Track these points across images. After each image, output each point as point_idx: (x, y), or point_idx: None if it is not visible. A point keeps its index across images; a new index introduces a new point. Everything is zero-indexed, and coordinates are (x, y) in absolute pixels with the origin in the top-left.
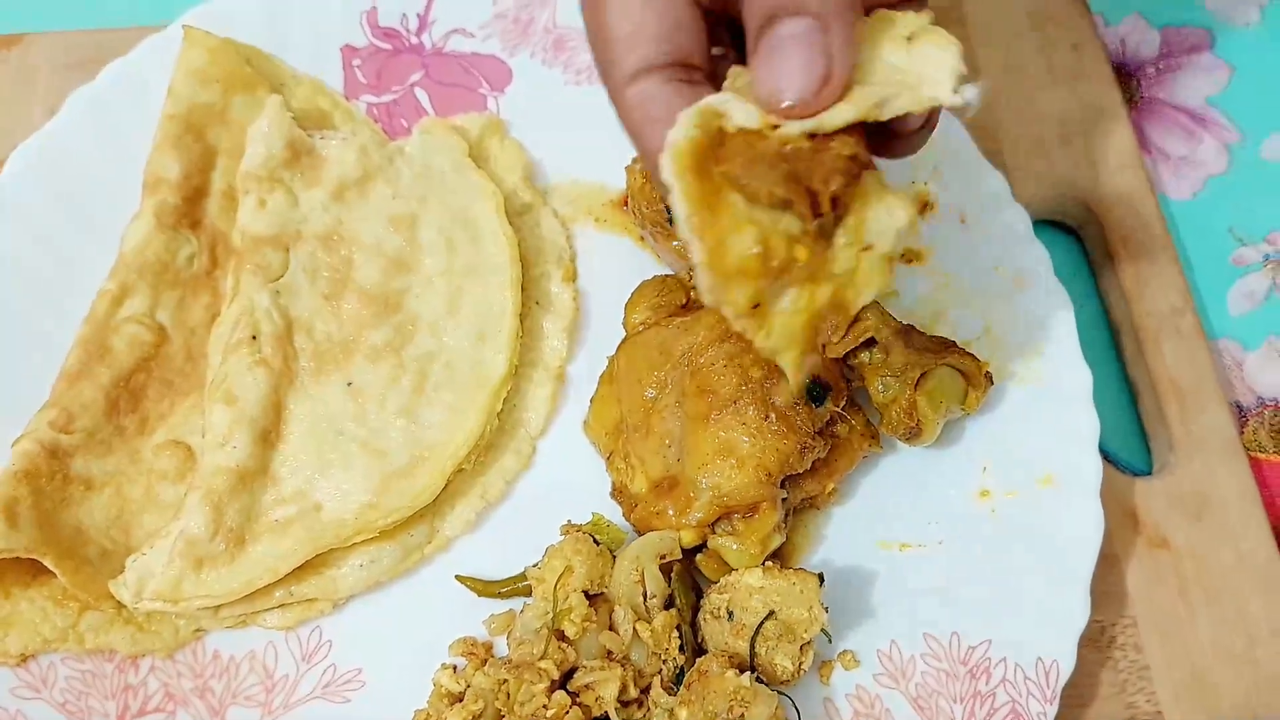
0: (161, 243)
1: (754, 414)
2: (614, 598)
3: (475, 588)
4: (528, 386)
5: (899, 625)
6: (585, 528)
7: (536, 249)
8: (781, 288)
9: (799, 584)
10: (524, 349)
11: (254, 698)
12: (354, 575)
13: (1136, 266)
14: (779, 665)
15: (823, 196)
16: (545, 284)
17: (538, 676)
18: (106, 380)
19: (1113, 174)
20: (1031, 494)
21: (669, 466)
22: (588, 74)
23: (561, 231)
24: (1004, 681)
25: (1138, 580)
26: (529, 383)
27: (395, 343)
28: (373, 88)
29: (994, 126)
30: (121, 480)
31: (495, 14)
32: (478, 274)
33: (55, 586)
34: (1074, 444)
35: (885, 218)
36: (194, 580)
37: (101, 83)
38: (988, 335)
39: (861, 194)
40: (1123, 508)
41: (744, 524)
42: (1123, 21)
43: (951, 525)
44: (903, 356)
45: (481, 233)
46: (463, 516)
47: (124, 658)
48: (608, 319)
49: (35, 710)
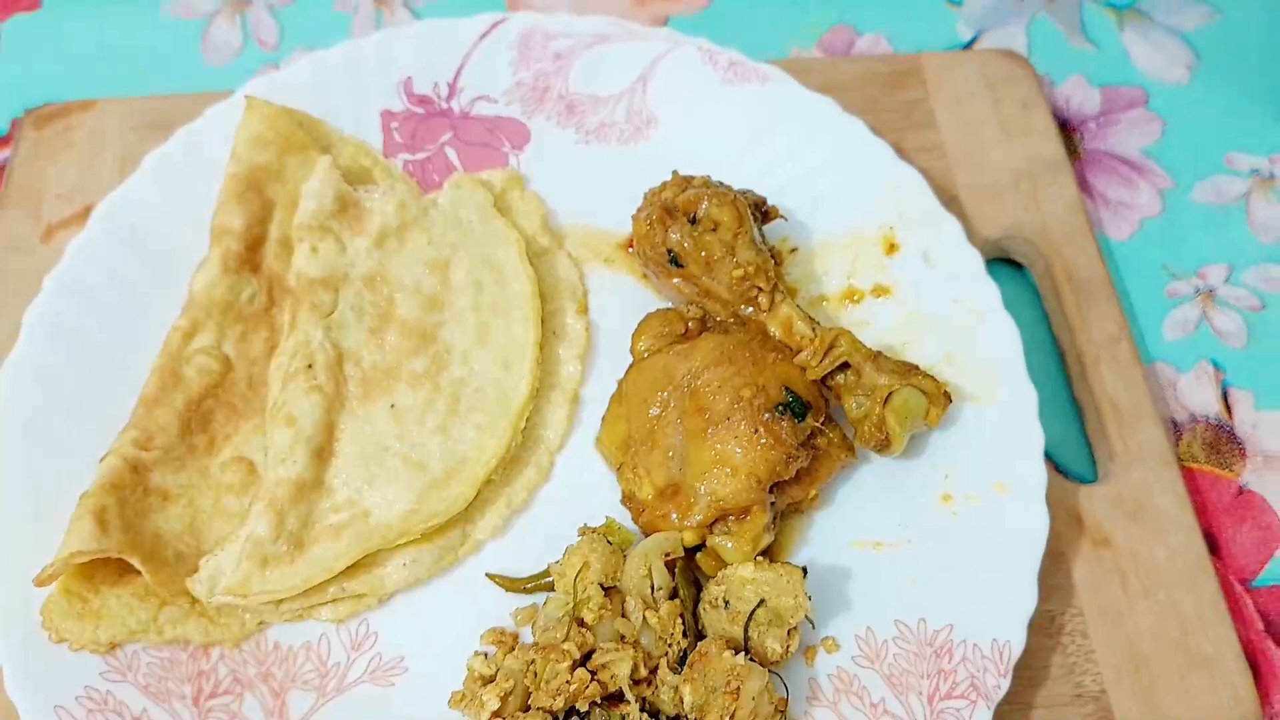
0: (227, 284)
1: (745, 428)
2: (625, 590)
3: (503, 584)
4: (547, 407)
5: (874, 613)
6: (600, 530)
7: (553, 286)
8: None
9: (786, 576)
10: (543, 374)
11: (310, 682)
12: (398, 573)
13: (1079, 299)
14: (769, 647)
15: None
16: (562, 317)
17: (561, 656)
18: (180, 404)
19: (1058, 217)
20: (988, 498)
21: (672, 475)
22: (596, 133)
23: (575, 271)
24: (964, 660)
25: (1083, 575)
26: (548, 404)
27: (432, 370)
28: (408, 147)
29: (951, 176)
30: (193, 492)
31: (515, 82)
32: (503, 309)
33: (138, 584)
34: (1023, 454)
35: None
36: (260, 577)
37: (173, 144)
38: (948, 360)
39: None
40: (1070, 511)
41: (738, 525)
42: (1066, 82)
43: (918, 526)
44: (873, 378)
45: (506, 273)
46: (491, 522)
47: (197, 647)
48: (616, 347)
49: (122, 691)
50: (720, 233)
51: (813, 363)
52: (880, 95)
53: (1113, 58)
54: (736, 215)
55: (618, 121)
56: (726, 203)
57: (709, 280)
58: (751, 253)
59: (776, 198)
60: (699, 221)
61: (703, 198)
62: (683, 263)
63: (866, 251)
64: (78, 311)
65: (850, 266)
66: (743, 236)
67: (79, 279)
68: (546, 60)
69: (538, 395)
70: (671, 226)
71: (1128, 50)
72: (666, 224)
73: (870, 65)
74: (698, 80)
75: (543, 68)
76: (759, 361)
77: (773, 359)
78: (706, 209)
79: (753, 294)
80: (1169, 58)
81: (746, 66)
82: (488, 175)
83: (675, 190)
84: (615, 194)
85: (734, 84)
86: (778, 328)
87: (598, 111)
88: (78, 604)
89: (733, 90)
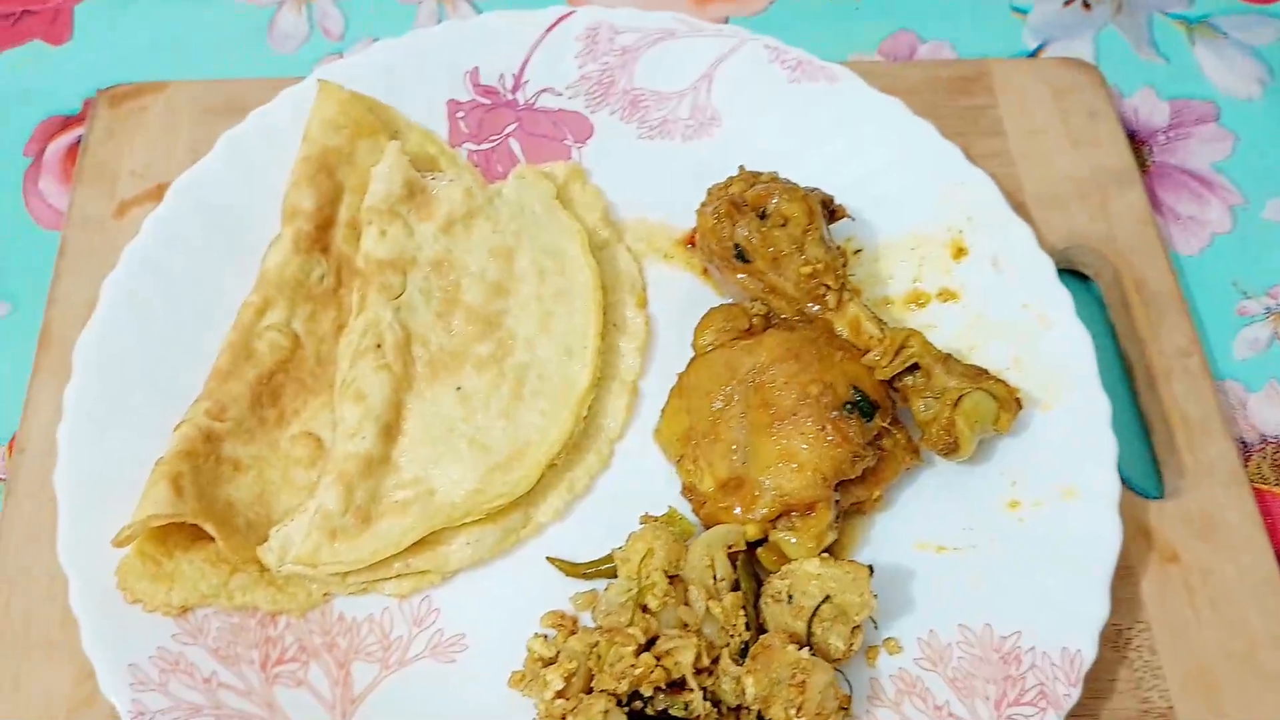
0: (297, 264)
1: (812, 425)
2: (688, 579)
3: (564, 568)
4: (607, 397)
5: (937, 617)
6: (662, 519)
7: (614, 279)
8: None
9: (852, 573)
10: (603, 364)
11: (373, 654)
12: (461, 552)
13: (1148, 311)
14: (832, 644)
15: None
16: (621, 309)
17: (627, 640)
18: (251, 378)
19: (1127, 228)
20: (1057, 505)
21: (734, 469)
22: (659, 129)
23: (634, 265)
24: (1033, 667)
25: (1151, 590)
26: (608, 394)
27: (497, 355)
28: (473, 137)
29: (1017, 184)
30: (263, 464)
31: (580, 76)
32: (565, 299)
33: (210, 550)
34: (1094, 462)
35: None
36: (329, 549)
37: (247, 125)
38: (1015, 366)
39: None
40: (1138, 526)
41: (801, 521)
42: (1135, 94)
43: (984, 531)
44: (943, 380)
45: (568, 263)
46: (553, 506)
47: (265, 614)
48: (675, 341)
49: (193, 654)
50: (789, 228)
51: (882, 363)
52: (943, 101)
53: (1182, 71)
54: (807, 211)
55: (681, 118)
56: (797, 198)
57: (775, 277)
58: (821, 250)
59: (841, 198)
60: (768, 217)
61: (772, 193)
62: (749, 258)
63: (933, 255)
64: (153, 284)
65: (916, 270)
66: (812, 233)
67: (155, 253)
68: (612, 55)
69: (598, 384)
70: (739, 221)
71: (1199, 64)
72: (734, 218)
73: (934, 70)
74: (763, 78)
75: (608, 62)
76: (826, 359)
77: (840, 357)
78: (776, 204)
79: (820, 292)
80: (1241, 73)
81: (814, 65)
82: (550, 167)
83: (743, 185)
84: (676, 190)
85: (800, 82)
86: (845, 327)
87: (661, 107)
88: (152, 566)
89: (799, 89)
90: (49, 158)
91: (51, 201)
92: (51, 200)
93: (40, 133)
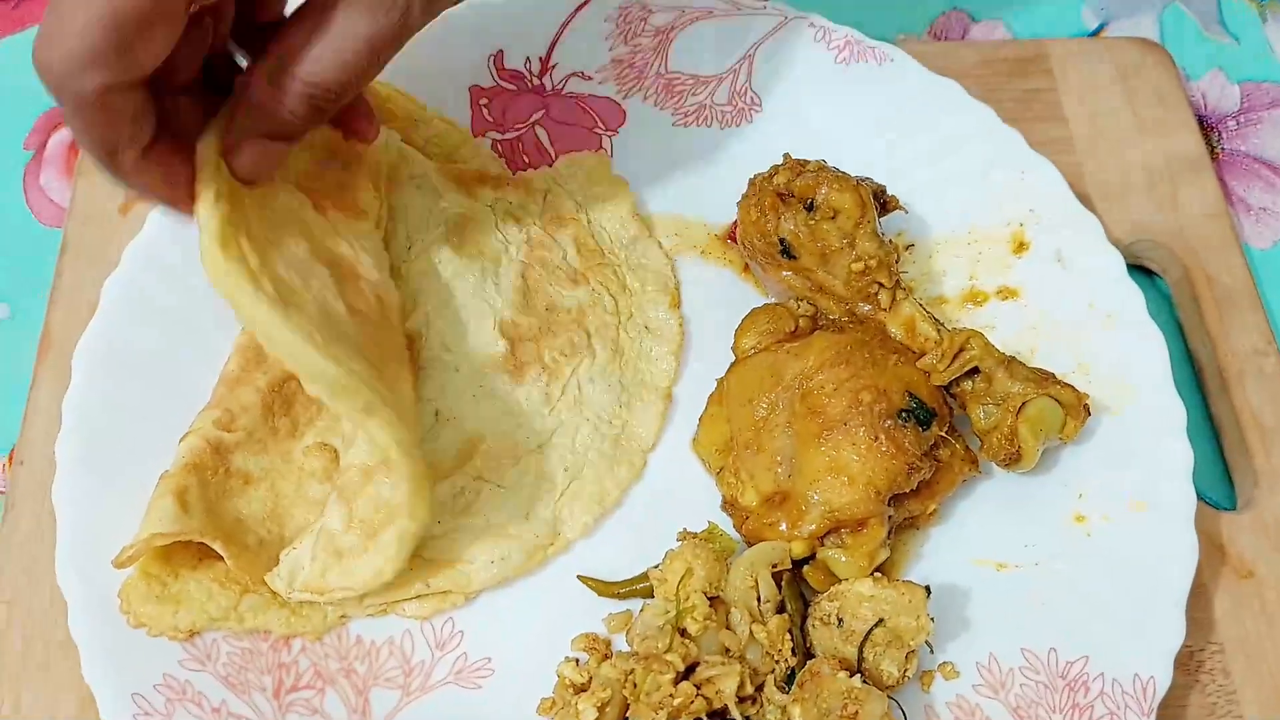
0: None
1: (864, 435)
2: (729, 601)
3: (595, 587)
4: (638, 403)
5: (996, 640)
6: (702, 535)
7: (643, 277)
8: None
9: (908, 594)
10: (635, 370)
11: (394, 680)
12: (485, 571)
13: (1220, 309)
14: (885, 671)
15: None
16: (652, 310)
17: (664, 668)
18: (263, 385)
19: (1198, 221)
20: (1126, 520)
21: (779, 482)
22: (696, 116)
23: (666, 262)
24: (1102, 695)
25: (1225, 608)
26: (639, 400)
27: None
28: (497, 125)
29: (1080, 172)
30: (275, 476)
31: (611, 59)
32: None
33: (219, 570)
34: (1168, 474)
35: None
36: (336, 571)
37: None
38: (1082, 369)
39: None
40: (1210, 539)
41: (852, 538)
42: (1203, 77)
43: (1047, 547)
44: (1005, 385)
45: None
46: (581, 520)
47: (278, 638)
48: (713, 344)
49: (201, 681)
50: (839, 222)
51: (939, 367)
52: (1000, 84)
53: (1254, 52)
54: (859, 202)
55: (719, 103)
56: (848, 188)
57: (824, 274)
58: (873, 245)
59: (893, 189)
60: (816, 209)
61: (821, 183)
62: (795, 254)
63: (992, 250)
64: (158, 284)
65: (973, 266)
66: (864, 227)
67: (160, 251)
68: (645, 36)
69: (628, 390)
70: (785, 214)
71: (1271, 44)
72: (779, 211)
73: (989, 51)
74: (808, 59)
75: (640, 44)
76: (879, 364)
77: (893, 361)
78: (825, 195)
79: (872, 290)
80: None
81: (863, 45)
82: (578, 158)
83: (789, 175)
84: (714, 180)
85: (848, 64)
86: (899, 328)
87: (698, 92)
88: (157, 587)
89: (847, 71)
90: (51, 151)
91: (53, 197)
92: (53, 195)
93: (42, 124)
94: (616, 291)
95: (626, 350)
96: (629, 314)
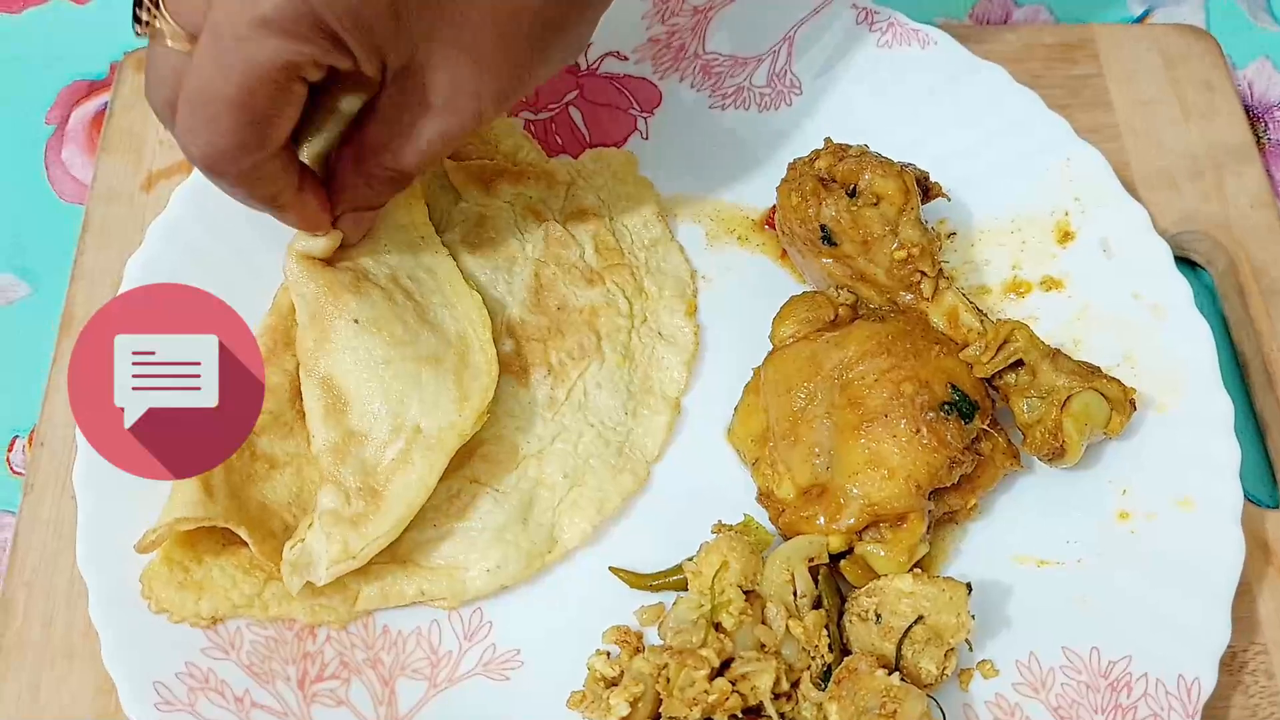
0: None
1: (905, 427)
2: (765, 595)
3: (628, 579)
4: (645, 413)
5: (1037, 638)
6: (737, 527)
7: (660, 282)
8: None
9: (948, 591)
10: (643, 377)
11: (420, 671)
12: (481, 579)
13: (1267, 302)
14: (924, 669)
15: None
16: (667, 316)
17: (699, 663)
18: (291, 366)
19: (1245, 212)
20: (1171, 517)
21: (817, 474)
22: (734, 98)
23: (687, 267)
24: (1145, 696)
25: (1269, 608)
26: (646, 409)
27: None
28: (530, 105)
29: (1125, 160)
30: (301, 461)
31: (648, 38)
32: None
33: (243, 556)
34: (1214, 470)
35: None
36: (358, 536)
37: None
38: (1128, 362)
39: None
40: (1254, 537)
41: (891, 533)
42: (1250, 65)
43: (1090, 545)
44: (1050, 379)
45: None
46: (579, 528)
47: (303, 626)
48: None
49: (224, 669)
50: (882, 208)
51: (983, 358)
52: (1043, 70)
53: None
54: (903, 189)
55: (757, 85)
56: (892, 174)
57: (865, 261)
58: (917, 232)
59: (935, 175)
60: (859, 195)
61: (864, 168)
62: (836, 241)
63: (1036, 239)
64: (182, 263)
65: (1016, 255)
66: (908, 214)
67: (184, 228)
68: (682, 15)
69: (635, 397)
70: (826, 199)
71: None
72: (820, 196)
73: (1033, 35)
74: (850, 41)
75: (678, 24)
76: (921, 354)
77: (936, 352)
78: (868, 180)
79: (915, 279)
80: None
81: (907, 28)
82: (604, 154)
83: (830, 159)
84: (752, 164)
85: (891, 47)
86: (941, 318)
87: (736, 74)
88: (179, 573)
89: (889, 53)
90: (73, 126)
91: (75, 173)
92: (75, 172)
93: (64, 98)
94: (632, 294)
95: (637, 355)
96: (643, 318)
